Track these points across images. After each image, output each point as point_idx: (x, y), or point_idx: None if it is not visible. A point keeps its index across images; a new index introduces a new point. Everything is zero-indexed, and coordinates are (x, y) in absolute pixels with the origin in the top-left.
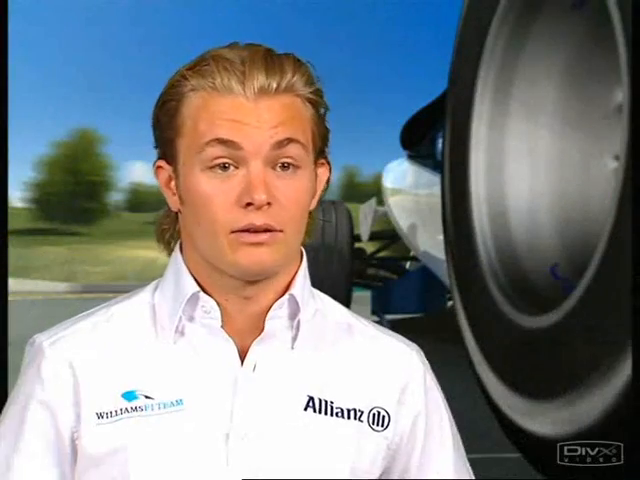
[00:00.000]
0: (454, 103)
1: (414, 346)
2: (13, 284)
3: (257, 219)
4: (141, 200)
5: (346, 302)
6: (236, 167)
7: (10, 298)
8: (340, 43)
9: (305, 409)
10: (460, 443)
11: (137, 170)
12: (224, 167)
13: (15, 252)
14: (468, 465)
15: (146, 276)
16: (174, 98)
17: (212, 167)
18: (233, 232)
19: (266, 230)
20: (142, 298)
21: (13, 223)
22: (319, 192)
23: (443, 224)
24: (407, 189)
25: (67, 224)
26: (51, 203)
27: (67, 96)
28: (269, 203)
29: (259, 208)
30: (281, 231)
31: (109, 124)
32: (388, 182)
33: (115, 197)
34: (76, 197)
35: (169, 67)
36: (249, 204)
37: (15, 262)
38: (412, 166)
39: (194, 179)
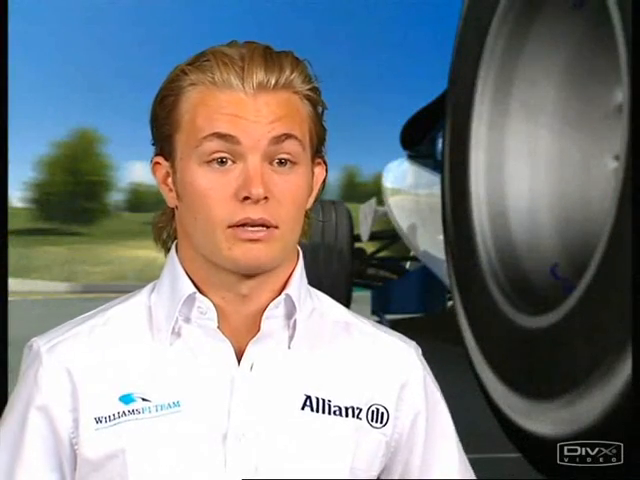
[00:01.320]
0: (454, 103)
1: (412, 343)
2: (13, 284)
3: (254, 213)
4: (141, 200)
5: (346, 302)
6: (233, 162)
7: (10, 298)
8: (340, 43)
9: (302, 408)
10: (458, 439)
11: (137, 170)
12: (221, 162)
13: (15, 252)
14: (467, 460)
15: (146, 276)
16: (173, 93)
17: (209, 161)
18: (230, 227)
19: (262, 225)
20: (138, 300)
21: (13, 223)
22: (316, 191)
23: (443, 224)
24: (407, 189)
25: (67, 224)
26: (51, 203)
27: (67, 96)
28: (266, 198)
29: (256, 202)
30: (277, 227)
31: (109, 124)
32: (388, 182)
33: (115, 197)
34: (76, 197)
35: (169, 67)
36: (246, 198)
37: (15, 262)
38: (412, 166)
39: (191, 173)
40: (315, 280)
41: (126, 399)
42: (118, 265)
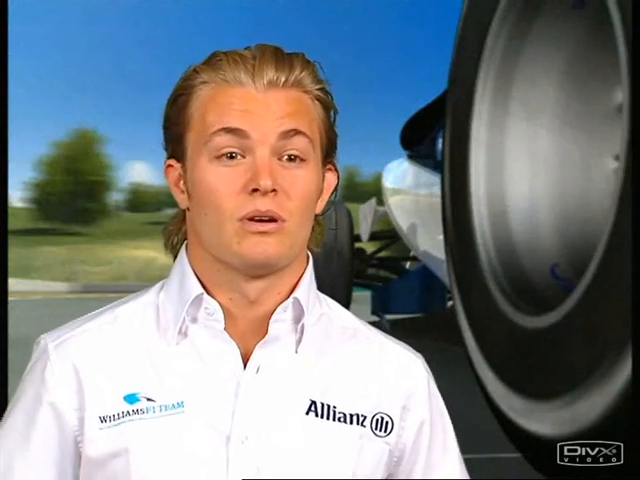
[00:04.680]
0: (454, 103)
1: (419, 355)
2: (13, 284)
3: (262, 205)
4: (141, 200)
5: (346, 302)
6: (243, 156)
7: (10, 298)
8: (340, 43)
9: (307, 413)
10: (459, 453)
11: (137, 170)
12: (231, 157)
13: (15, 252)
14: (465, 471)
15: (146, 276)
16: (185, 92)
17: (219, 157)
18: (239, 220)
19: (271, 219)
20: (147, 299)
21: (13, 223)
22: (327, 197)
23: (443, 224)
24: (407, 189)
25: (67, 224)
26: (51, 203)
27: (67, 96)
28: (274, 190)
29: (265, 194)
30: (285, 220)
31: (109, 124)
32: (388, 182)
33: (115, 197)
34: (76, 197)
35: (169, 67)
36: (255, 190)
37: (15, 262)
38: (412, 166)
39: (201, 169)
40: (315, 280)
41: (131, 399)
42: (118, 265)
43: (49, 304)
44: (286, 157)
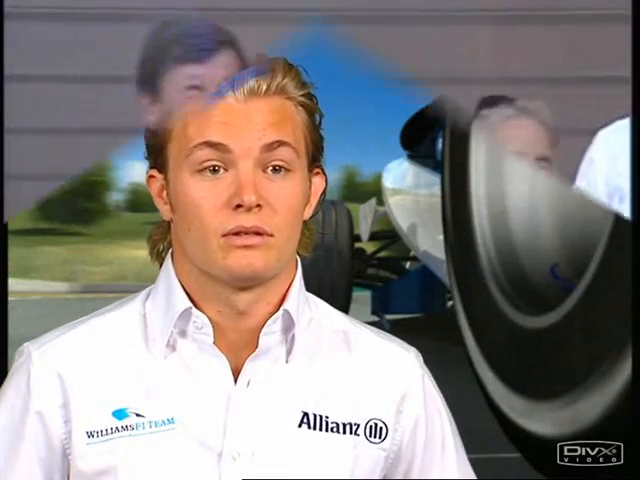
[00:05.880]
0: (454, 102)
1: (412, 350)
2: (13, 284)
3: (247, 221)
4: (141, 200)
5: (346, 302)
6: (225, 170)
7: (10, 298)
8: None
9: (299, 425)
10: (462, 446)
11: (137, 170)
12: (213, 170)
13: (15, 252)
14: (471, 469)
15: (146, 276)
16: None
17: (201, 170)
18: (224, 236)
19: (256, 233)
20: (133, 308)
21: (13, 223)
22: (315, 202)
23: (443, 224)
24: (407, 189)
25: (67, 224)
26: (51, 203)
27: None
28: (259, 205)
29: (249, 210)
30: (272, 235)
31: None
32: (388, 182)
33: (115, 197)
34: (76, 197)
35: None
36: (238, 206)
37: (15, 262)
38: (412, 166)
39: (183, 183)
40: (315, 280)
41: (119, 414)
42: (118, 265)
43: (49, 304)
44: (270, 168)
